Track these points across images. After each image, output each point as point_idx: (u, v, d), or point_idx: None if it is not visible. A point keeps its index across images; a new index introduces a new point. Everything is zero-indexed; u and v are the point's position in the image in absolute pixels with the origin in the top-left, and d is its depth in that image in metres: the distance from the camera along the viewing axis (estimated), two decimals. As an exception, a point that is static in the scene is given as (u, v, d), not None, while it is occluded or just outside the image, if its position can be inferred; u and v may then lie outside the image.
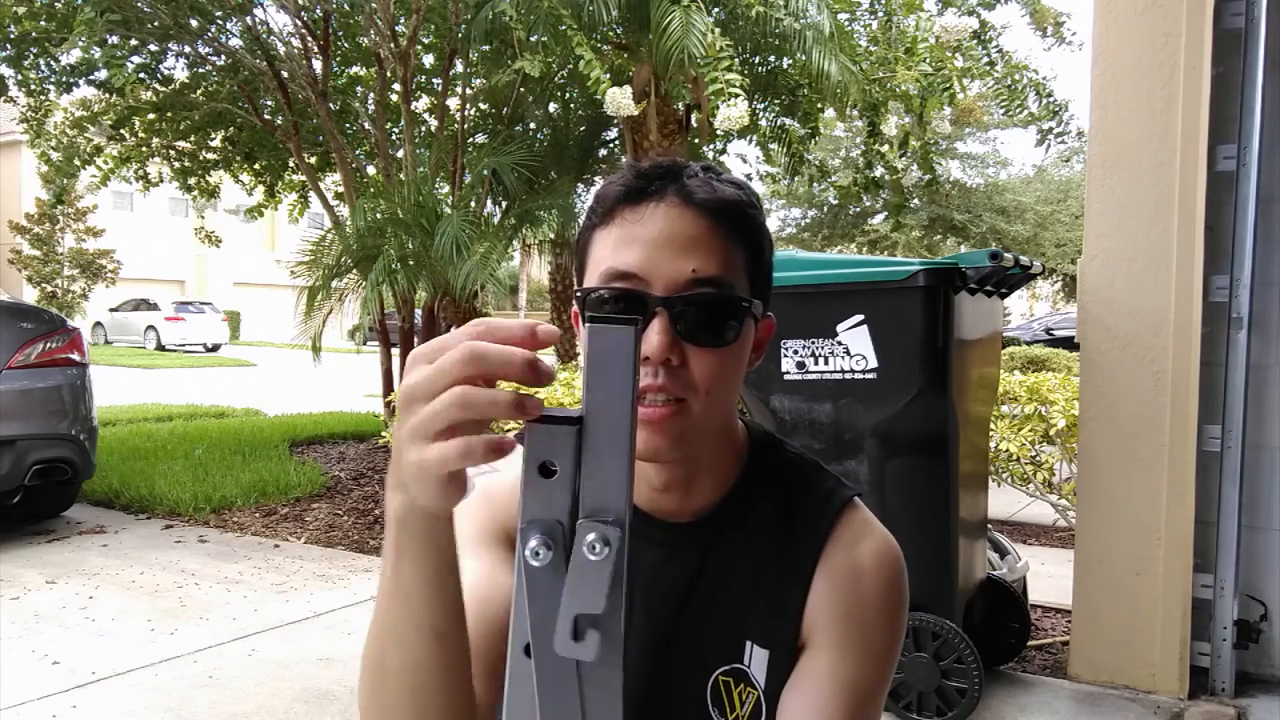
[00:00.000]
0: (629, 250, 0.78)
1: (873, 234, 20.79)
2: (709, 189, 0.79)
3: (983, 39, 6.68)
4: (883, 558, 0.86)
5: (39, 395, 4.55)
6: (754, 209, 0.82)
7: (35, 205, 24.26)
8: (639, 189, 0.79)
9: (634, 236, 0.78)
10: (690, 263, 0.77)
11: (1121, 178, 2.96)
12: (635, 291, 0.77)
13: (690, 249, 0.77)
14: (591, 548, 0.50)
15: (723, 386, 0.79)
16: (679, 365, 0.76)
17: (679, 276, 0.76)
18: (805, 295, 2.72)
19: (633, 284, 0.77)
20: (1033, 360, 10.91)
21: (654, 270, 0.77)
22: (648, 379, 0.76)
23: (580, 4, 5.07)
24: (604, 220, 0.81)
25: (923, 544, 2.66)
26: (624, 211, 0.79)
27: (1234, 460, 2.88)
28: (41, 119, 7.78)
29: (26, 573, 4.13)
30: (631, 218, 0.79)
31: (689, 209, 0.78)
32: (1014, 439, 3.89)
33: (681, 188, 0.79)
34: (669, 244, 0.77)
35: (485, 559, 0.82)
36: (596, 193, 0.83)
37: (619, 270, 0.78)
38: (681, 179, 0.80)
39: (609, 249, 0.79)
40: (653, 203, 0.78)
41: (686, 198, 0.78)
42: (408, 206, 6.10)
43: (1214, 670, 2.91)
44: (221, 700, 2.84)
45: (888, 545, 0.87)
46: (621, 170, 0.83)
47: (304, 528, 5.05)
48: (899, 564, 0.87)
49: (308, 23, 7.26)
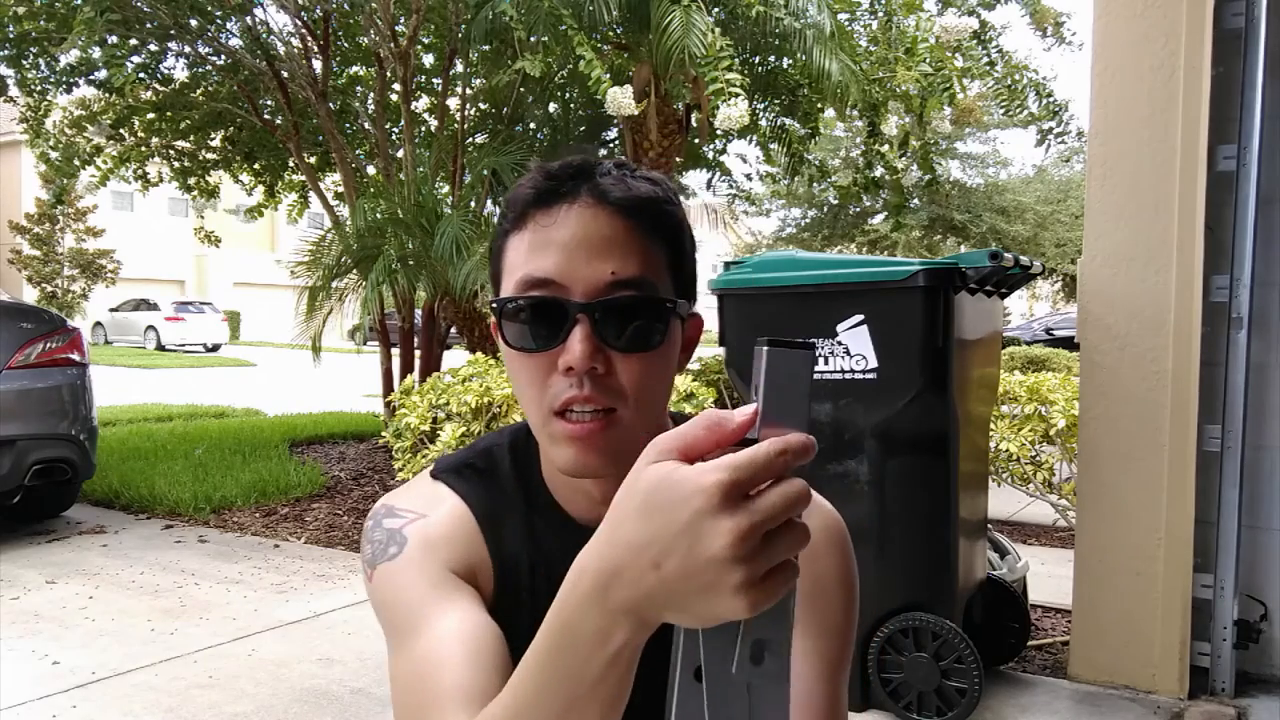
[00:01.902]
0: (543, 255, 0.74)
1: (873, 234, 20.77)
2: (623, 186, 0.76)
3: (983, 39, 6.68)
4: (831, 534, 0.85)
5: (39, 395, 4.55)
6: (671, 204, 0.79)
7: (35, 205, 24.28)
8: (550, 190, 0.76)
9: (548, 241, 0.74)
10: (608, 265, 0.74)
11: (1121, 178, 2.96)
12: (553, 299, 0.74)
13: (607, 251, 0.74)
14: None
15: (652, 391, 0.77)
16: (605, 374, 0.73)
17: (598, 280, 0.73)
18: (805, 295, 2.72)
19: (550, 291, 0.74)
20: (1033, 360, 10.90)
21: (571, 275, 0.73)
22: (572, 390, 0.73)
23: (580, 4, 5.07)
24: (516, 225, 0.77)
25: (923, 544, 2.66)
26: (536, 215, 0.76)
27: (1234, 460, 2.88)
28: (41, 119, 7.78)
29: (26, 573, 4.13)
30: (544, 221, 0.75)
31: (603, 208, 0.75)
32: (1014, 439, 3.89)
33: (595, 187, 0.75)
34: (584, 246, 0.74)
35: (459, 605, 0.78)
36: (507, 196, 0.80)
37: (535, 277, 0.74)
38: (594, 177, 0.76)
39: (522, 255, 0.76)
40: (565, 204, 0.75)
41: (600, 197, 0.75)
42: (408, 206, 6.11)
43: (1214, 670, 2.91)
44: (221, 700, 2.84)
45: (835, 520, 0.86)
46: (531, 171, 0.79)
47: (304, 528, 5.05)
48: (846, 538, 0.87)
49: (308, 23, 7.26)
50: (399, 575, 0.80)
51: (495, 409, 4.19)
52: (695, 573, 0.47)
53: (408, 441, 4.44)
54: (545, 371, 0.75)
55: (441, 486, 0.87)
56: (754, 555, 0.46)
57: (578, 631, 0.52)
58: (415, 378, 6.53)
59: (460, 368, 4.77)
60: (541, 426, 0.77)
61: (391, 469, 5.39)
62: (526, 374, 0.76)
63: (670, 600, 0.48)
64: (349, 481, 6.13)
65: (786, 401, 0.50)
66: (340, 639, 3.38)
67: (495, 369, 4.63)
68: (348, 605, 3.76)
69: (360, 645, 3.31)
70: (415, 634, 0.76)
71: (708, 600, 0.47)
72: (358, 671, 3.08)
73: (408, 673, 0.75)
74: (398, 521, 0.84)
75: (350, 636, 3.40)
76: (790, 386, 0.50)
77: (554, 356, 0.74)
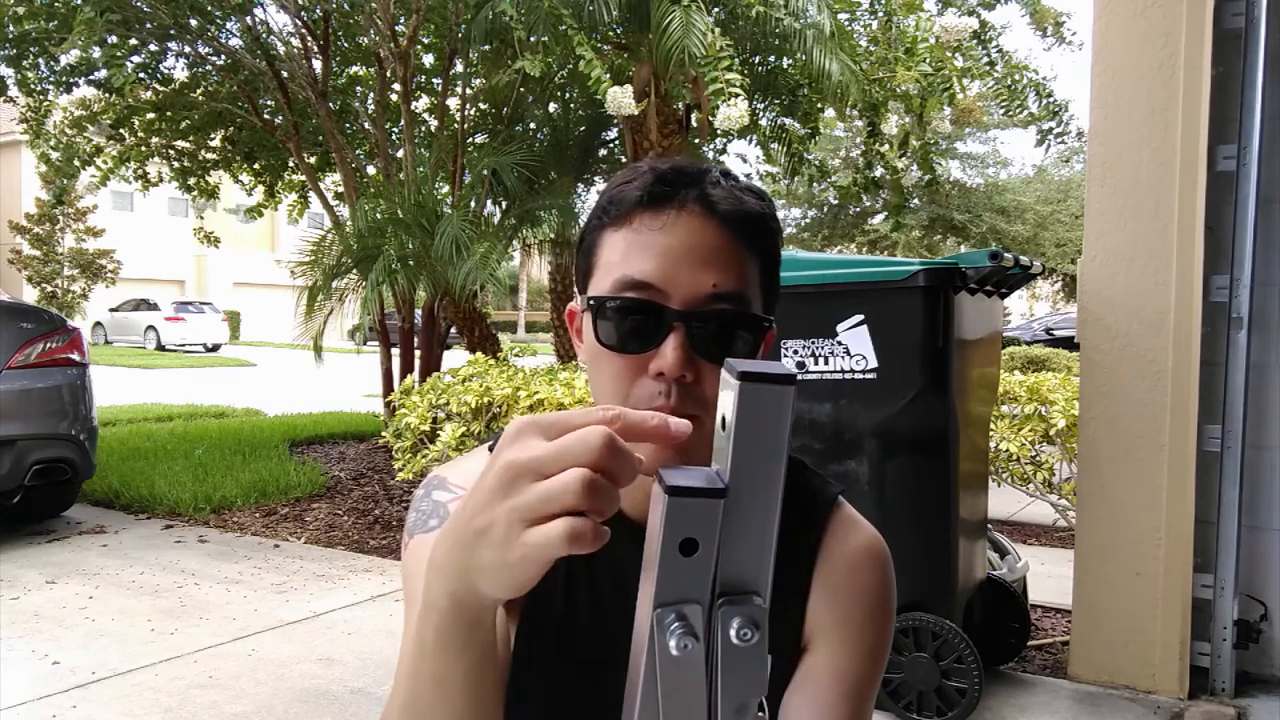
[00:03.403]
0: (646, 259, 0.74)
1: (873, 234, 20.79)
2: (733, 200, 0.76)
3: (983, 39, 6.67)
4: (875, 555, 0.86)
5: (39, 395, 4.55)
6: (774, 221, 0.80)
7: (35, 205, 24.27)
8: (661, 194, 0.75)
9: (652, 245, 0.74)
10: (711, 277, 0.73)
11: (1121, 178, 2.96)
12: (652, 303, 0.73)
13: (711, 262, 0.74)
14: (741, 635, 0.46)
15: None
16: (693, 382, 0.73)
17: (699, 291, 0.73)
18: (805, 295, 2.72)
19: (649, 295, 0.74)
20: (1033, 360, 10.90)
21: (672, 282, 0.73)
22: (660, 399, 0.73)
23: (580, 4, 5.07)
24: (618, 222, 0.77)
25: (923, 544, 2.66)
26: (642, 216, 0.75)
27: (1234, 460, 2.88)
28: (41, 119, 7.78)
29: (26, 573, 4.13)
30: (651, 224, 0.75)
31: (712, 220, 0.75)
32: (1014, 439, 3.89)
33: (704, 196, 0.75)
34: (689, 256, 0.73)
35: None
36: (611, 192, 0.79)
37: (635, 279, 0.74)
38: (704, 186, 0.76)
39: (621, 254, 0.75)
40: (674, 210, 0.75)
41: (710, 208, 0.75)
42: (408, 206, 6.10)
43: (1214, 670, 2.91)
44: (221, 700, 2.84)
45: (877, 541, 0.87)
46: (639, 170, 0.78)
47: (304, 528, 5.05)
48: (888, 559, 0.87)
49: (307, 23, 7.26)
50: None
51: (495, 409, 4.19)
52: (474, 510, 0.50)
53: (408, 441, 4.44)
54: (633, 373, 0.75)
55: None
56: (522, 498, 0.48)
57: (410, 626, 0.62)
58: (415, 378, 6.53)
59: (460, 368, 4.77)
60: None
61: (391, 469, 5.39)
62: (612, 372, 0.76)
63: (463, 546, 0.51)
64: (349, 481, 6.13)
65: (761, 445, 0.45)
66: (340, 639, 3.38)
67: (495, 369, 4.63)
68: (348, 605, 3.76)
69: (360, 645, 3.31)
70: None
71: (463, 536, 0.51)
72: (358, 671, 3.08)
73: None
74: (446, 496, 0.84)
75: (350, 636, 3.40)
76: (766, 429, 0.45)
77: (645, 360, 0.74)
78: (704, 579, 0.46)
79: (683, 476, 0.45)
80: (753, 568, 0.47)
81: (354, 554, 4.58)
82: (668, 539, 0.44)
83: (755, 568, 0.47)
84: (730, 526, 0.46)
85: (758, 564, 0.47)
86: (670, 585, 0.45)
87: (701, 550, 0.45)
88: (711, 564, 0.46)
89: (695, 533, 0.45)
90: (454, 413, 4.25)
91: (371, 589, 3.98)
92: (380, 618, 3.62)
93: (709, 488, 0.45)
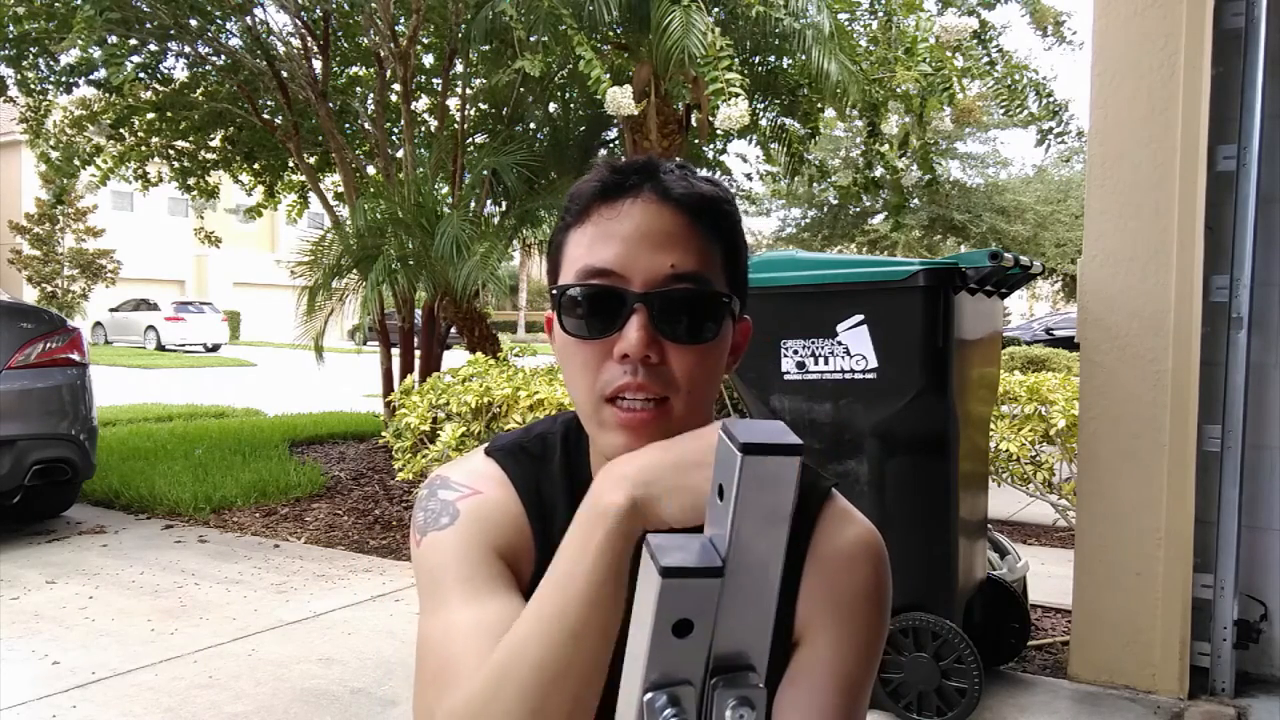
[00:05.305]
0: (606, 247, 0.77)
1: (873, 234, 20.78)
2: (686, 185, 0.79)
3: (983, 39, 6.66)
4: (869, 547, 0.86)
5: (39, 395, 4.55)
6: (731, 206, 0.82)
7: (35, 205, 24.28)
8: (615, 185, 0.78)
9: (610, 233, 0.77)
10: (668, 258, 0.76)
11: (1121, 178, 2.96)
12: (613, 288, 0.76)
13: (668, 244, 0.76)
14: (737, 717, 0.44)
15: (704, 384, 0.78)
16: (658, 363, 0.75)
17: (657, 272, 0.76)
18: (805, 295, 2.72)
19: (610, 281, 0.76)
20: (1033, 360, 10.90)
21: (632, 266, 0.76)
22: (625, 378, 0.75)
23: (580, 4, 5.07)
24: (579, 219, 0.80)
25: (923, 544, 2.66)
26: (600, 209, 0.78)
27: (1234, 460, 2.88)
28: (41, 119, 7.78)
29: (26, 573, 4.13)
30: (608, 214, 0.78)
31: (666, 205, 0.77)
32: (1014, 439, 3.89)
33: (658, 184, 0.78)
34: (646, 240, 0.76)
35: (497, 592, 0.81)
36: (571, 192, 0.82)
37: (596, 267, 0.77)
38: (658, 175, 0.79)
39: (584, 247, 0.78)
40: (629, 199, 0.78)
41: (663, 193, 0.78)
42: (408, 206, 6.10)
43: (1214, 670, 2.91)
44: (221, 700, 2.84)
45: (871, 534, 0.87)
46: (597, 168, 0.82)
47: (304, 528, 5.05)
48: (883, 552, 0.87)
49: (307, 23, 7.26)
50: (447, 545, 0.84)
51: (495, 409, 4.19)
52: (691, 452, 0.66)
53: (408, 441, 4.44)
54: (600, 359, 0.77)
55: (495, 466, 0.90)
56: None
57: (571, 537, 0.68)
58: (415, 378, 6.53)
59: (460, 368, 4.77)
60: (592, 414, 0.78)
61: (391, 469, 5.39)
62: (580, 360, 0.78)
63: (657, 469, 0.67)
64: (349, 481, 6.13)
65: (763, 518, 0.44)
66: (340, 639, 3.38)
67: (495, 369, 4.63)
68: (348, 605, 3.76)
69: (360, 645, 3.31)
70: (449, 604, 0.79)
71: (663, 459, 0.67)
72: (358, 671, 3.08)
73: (437, 637, 0.79)
74: (452, 494, 0.87)
75: (350, 636, 3.40)
76: (769, 501, 0.44)
77: (609, 344, 0.76)
78: (698, 659, 0.44)
79: (677, 552, 0.43)
80: (750, 643, 0.45)
81: (354, 554, 4.58)
82: (660, 620, 0.43)
83: (753, 643, 0.45)
84: (728, 602, 0.44)
85: (755, 639, 0.45)
86: (662, 667, 0.43)
87: (696, 631, 0.43)
88: (706, 644, 0.44)
89: (690, 613, 0.43)
90: (454, 413, 4.25)
91: (371, 589, 3.98)
92: (380, 618, 3.62)
93: (705, 566, 0.43)
